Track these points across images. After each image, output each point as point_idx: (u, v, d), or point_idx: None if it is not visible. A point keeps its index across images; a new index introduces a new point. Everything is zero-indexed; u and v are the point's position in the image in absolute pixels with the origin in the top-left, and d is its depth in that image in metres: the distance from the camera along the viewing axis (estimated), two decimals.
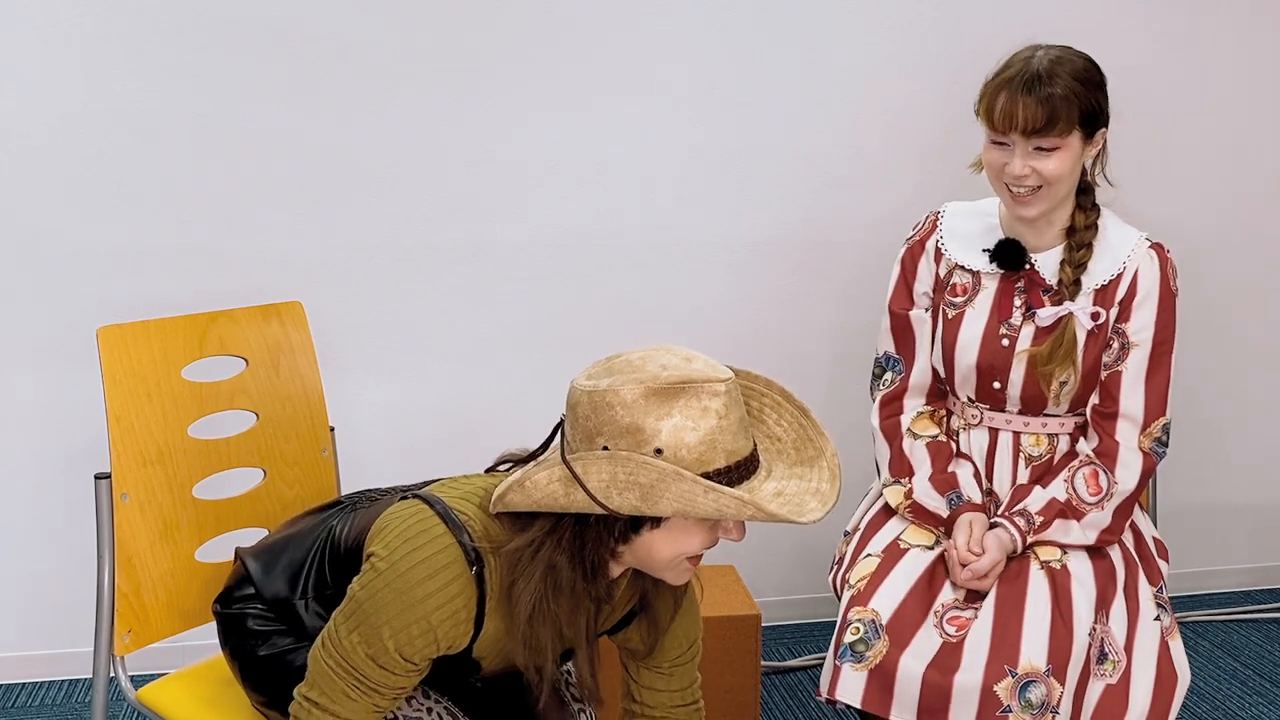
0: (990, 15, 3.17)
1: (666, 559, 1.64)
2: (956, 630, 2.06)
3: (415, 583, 1.60)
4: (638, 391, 1.55)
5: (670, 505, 1.54)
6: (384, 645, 1.61)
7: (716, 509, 1.53)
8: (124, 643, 2.00)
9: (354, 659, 1.63)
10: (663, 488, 1.53)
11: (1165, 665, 2.10)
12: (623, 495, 1.55)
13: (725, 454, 1.56)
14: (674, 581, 1.71)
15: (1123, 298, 2.17)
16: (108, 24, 2.88)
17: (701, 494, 1.52)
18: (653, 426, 1.54)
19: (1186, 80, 3.36)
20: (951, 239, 2.28)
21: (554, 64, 3.08)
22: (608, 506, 1.56)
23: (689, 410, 1.55)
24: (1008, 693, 1.97)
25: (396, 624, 1.60)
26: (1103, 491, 2.15)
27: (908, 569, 2.15)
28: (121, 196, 2.95)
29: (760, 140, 3.20)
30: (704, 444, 1.54)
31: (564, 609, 1.64)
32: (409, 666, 1.63)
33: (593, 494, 1.55)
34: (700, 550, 1.65)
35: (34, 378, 2.97)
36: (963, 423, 2.26)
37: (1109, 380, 2.17)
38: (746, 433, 1.61)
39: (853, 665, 2.03)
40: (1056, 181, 2.11)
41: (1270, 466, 3.65)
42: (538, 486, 1.59)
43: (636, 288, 3.21)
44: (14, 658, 3.07)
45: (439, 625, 1.61)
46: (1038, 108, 2.06)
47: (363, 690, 1.64)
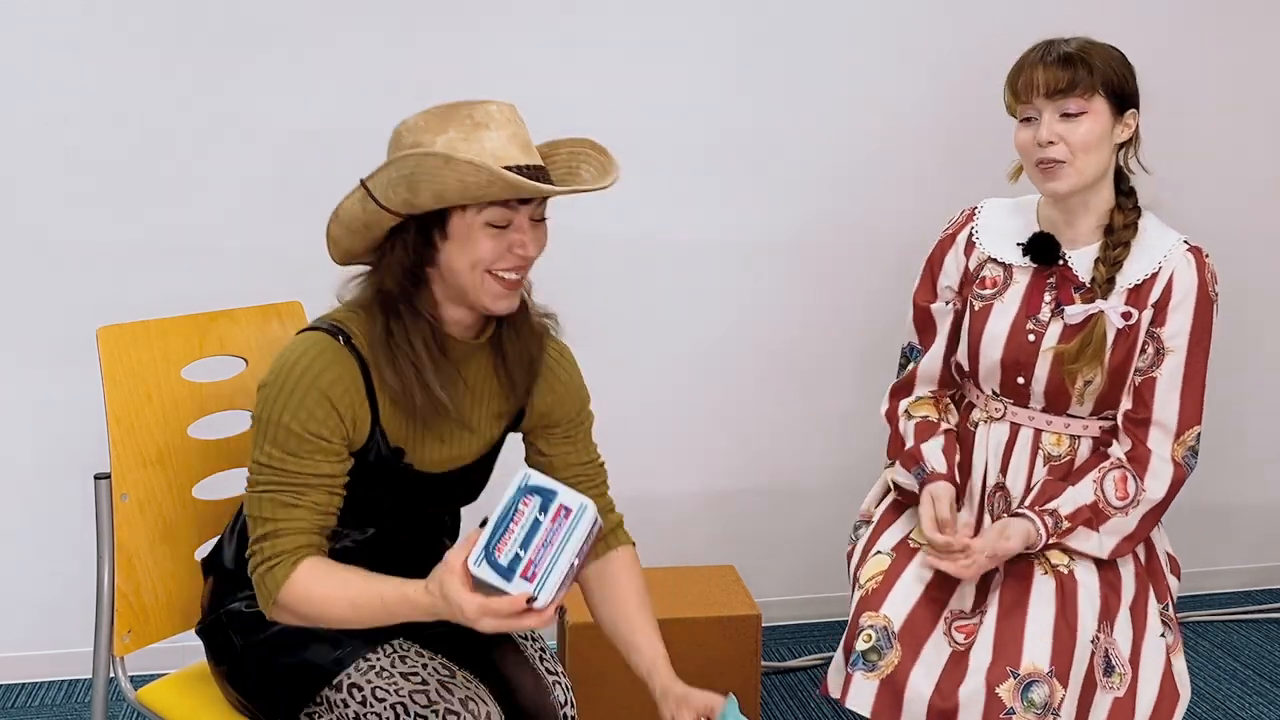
0: (1008, 14, 3.17)
1: (466, 272, 1.75)
2: (965, 639, 2.06)
3: (296, 370, 1.75)
4: (420, 115, 1.74)
5: (428, 189, 1.68)
6: (291, 431, 1.73)
7: (458, 179, 1.65)
8: (124, 643, 2.00)
9: (274, 465, 1.75)
10: (420, 173, 1.67)
11: (1168, 683, 2.09)
12: (396, 192, 1.70)
13: (493, 158, 1.69)
14: (493, 306, 1.79)
15: (1157, 300, 2.13)
16: (108, 23, 2.88)
17: (443, 167, 1.65)
18: (429, 140, 1.70)
19: (1197, 79, 3.36)
20: (986, 232, 2.26)
21: (558, 65, 3.08)
22: (387, 207, 1.71)
23: (462, 126, 1.71)
24: (1010, 694, 1.96)
25: (293, 407, 1.73)
26: (1130, 497, 2.12)
27: (918, 570, 2.14)
28: (122, 196, 2.95)
29: (776, 137, 3.20)
30: (472, 151, 1.68)
31: (420, 353, 1.76)
32: (323, 444, 1.74)
33: (375, 197, 1.72)
34: (496, 262, 1.75)
35: (34, 378, 2.97)
36: (985, 415, 2.25)
37: (1143, 386, 2.14)
38: (526, 148, 1.74)
39: (864, 674, 2.02)
40: (1084, 152, 2.08)
41: (1270, 466, 3.65)
42: (344, 209, 1.77)
43: (636, 287, 3.21)
44: (14, 658, 3.07)
45: (329, 388, 1.74)
46: (1059, 68, 2.07)
47: (296, 490, 1.75)
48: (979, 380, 2.25)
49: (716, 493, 3.36)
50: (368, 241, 1.80)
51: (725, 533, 3.37)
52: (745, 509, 3.38)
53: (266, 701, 1.88)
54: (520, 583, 1.58)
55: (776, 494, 3.39)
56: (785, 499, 3.39)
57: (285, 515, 1.76)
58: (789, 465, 3.38)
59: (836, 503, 3.15)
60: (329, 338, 1.78)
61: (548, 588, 1.58)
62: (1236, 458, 3.59)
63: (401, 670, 1.84)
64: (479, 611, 1.60)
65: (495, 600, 1.59)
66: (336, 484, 1.79)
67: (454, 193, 1.68)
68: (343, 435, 1.77)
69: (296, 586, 1.73)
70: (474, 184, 1.66)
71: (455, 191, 1.68)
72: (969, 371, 2.27)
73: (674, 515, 3.33)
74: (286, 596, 1.74)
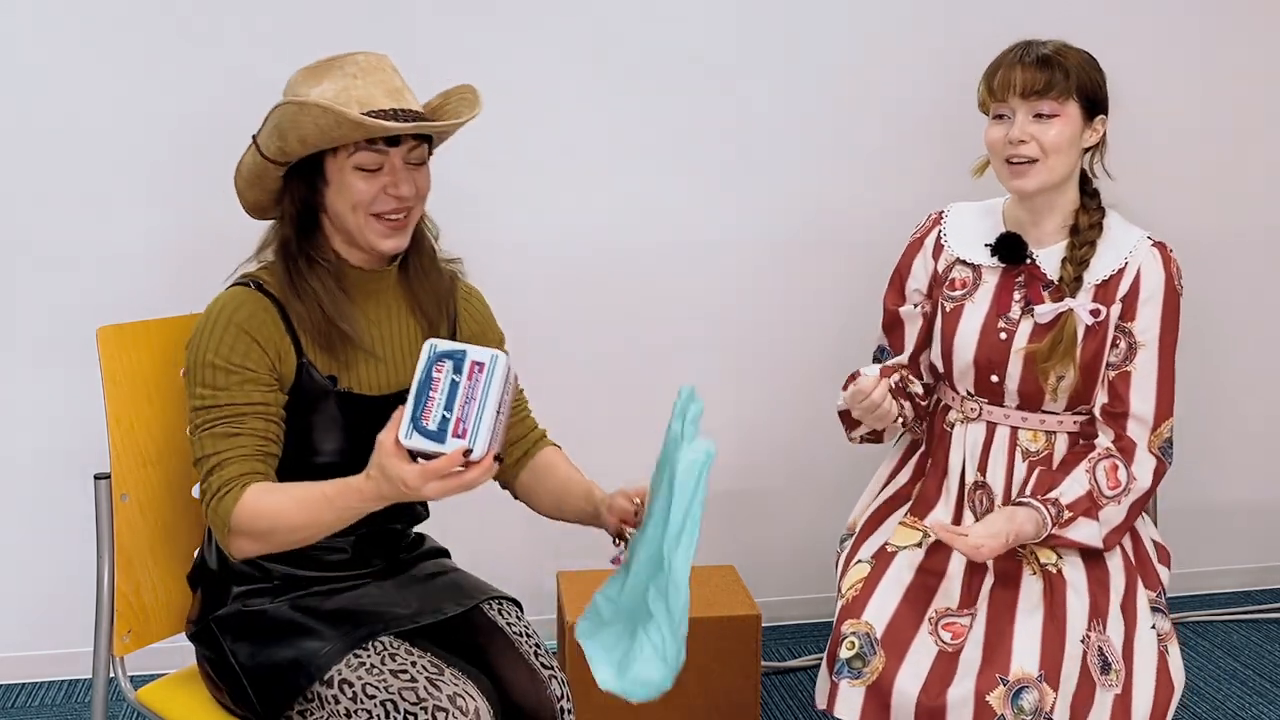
0: (997, 14, 3.17)
1: (348, 213, 1.86)
2: (952, 638, 2.06)
3: (213, 315, 1.86)
4: (298, 72, 1.87)
5: (293, 135, 1.80)
6: (217, 367, 1.82)
7: (311, 121, 1.78)
8: (124, 643, 2.00)
9: (208, 403, 1.82)
10: (285, 121, 1.80)
11: (1163, 674, 2.09)
12: (271, 142, 1.84)
13: (358, 103, 1.80)
14: (380, 245, 1.89)
15: (1125, 295, 2.17)
16: (108, 23, 2.88)
17: (299, 111, 1.78)
18: (305, 93, 1.83)
19: (1184, 80, 3.36)
20: (954, 234, 2.30)
21: (558, 66, 3.09)
22: (268, 156, 1.85)
23: (334, 78, 1.83)
24: (1000, 701, 1.97)
25: (214, 344, 1.83)
26: (1120, 486, 2.14)
27: (898, 574, 2.16)
28: (122, 196, 2.95)
29: (766, 139, 3.20)
30: (339, 100, 1.80)
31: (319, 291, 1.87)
32: (250, 374, 1.83)
33: (259, 148, 1.86)
34: (370, 198, 1.85)
35: (34, 378, 2.97)
36: (960, 416, 2.27)
37: (1117, 380, 2.17)
38: (393, 94, 1.85)
39: (850, 681, 2.03)
40: (1055, 153, 2.12)
41: (1270, 466, 3.65)
42: (243, 164, 1.91)
43: (636, 288, 3.21)
44: (14, 658, 3.07)
45: (246, 323, 1.84)
46: (1036, 70, 2.12)
47: (233, 421, 1.82)
48: (953, 381, 2.27)
49: (716, 493, 3.32)
50: (267, 194, 1.93)
51: (725, 533, 3.37)
52: (745, 509, 3.38)
53: (258, 700, 1.88)
54: (454, 441, 1.62)
55: (776, 494, 3.39)
56: (785, 499, 3.39)
57: (227, 445, 1.81)
58: (789, 465, 3.38)
59: (836, 503, 3.15)
60: (242, 287, 1.90)
61: (480, 437, 1.63)
62: (1236, 458, 3.59)
63: (391, 668, 1.85)
64: (420, 478, 1.64)
65: (434, 462, 1.63)
66: (271, 412, 1.85)
67: (313, 136, 1.80)
68: (268, 367, 1.85)
69: (246, 507, 1.77)
70: (326, 126, 1.78)
71: (314, 135, 1.80)
72: (943, 373, 2.29)
73: None
74: (239, 519, 1.77)
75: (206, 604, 1.96)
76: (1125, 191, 2.32)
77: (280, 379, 1.86)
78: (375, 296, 1.96)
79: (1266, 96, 3.43)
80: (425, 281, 2.00)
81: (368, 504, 1.73)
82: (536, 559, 3.09)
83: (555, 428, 2.25)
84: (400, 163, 1.86)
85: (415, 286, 2.00)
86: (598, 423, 3.24)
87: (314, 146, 1.82)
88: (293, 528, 1.78)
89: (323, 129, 1.78)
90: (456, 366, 1.65)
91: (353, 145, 1.82)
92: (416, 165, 1.90)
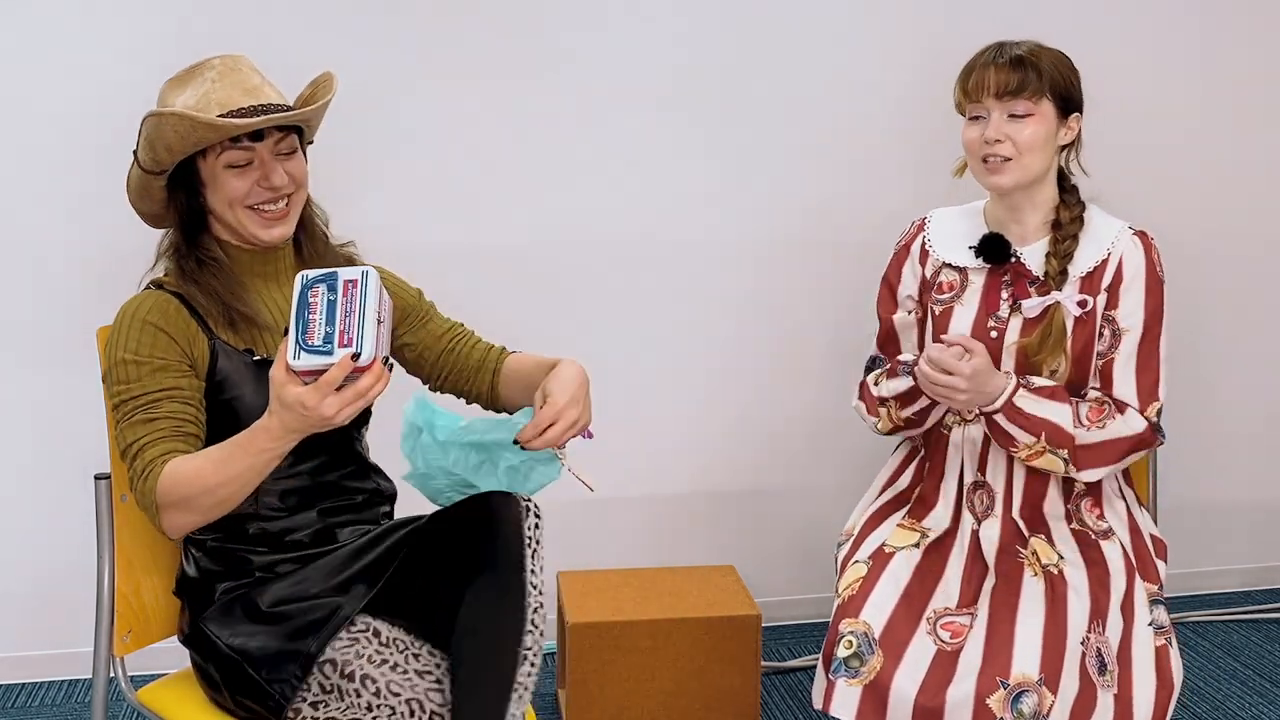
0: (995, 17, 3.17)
1: (226, 210, 1.93)
2: (951, 637, 2.06)
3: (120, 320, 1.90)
4: (167, 81, 1.96)
5: (160, 144, 1.88)
6: (124, 360, 1.86)
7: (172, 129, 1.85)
8: (124, 643, 2.00)
9: (124, 397, 1.85)
10: (151, 133, 1.88)
11: (1163, 673, 2.09)
12: (145, 153, 1.91)
13: (218, 105, 1.88)
14: (265, 236, 1.96)
15: (1109, 284, 2.19)
16: (108, 23, 2.88)
17: (159, 121, 1.85)
18: (171, 103, 1.92)
19: (1184, 80, 3.36)
20: (938, 239, 2.32)
21: (556, 67, 3.09)
22: (145, 168, 1.93)
23: (195, 84, 1.92)
24: (1000, 705, 1.97)
25: (124, 342, 1.87)
26: (1101, 419, 2.15)
27: (895, 574, 2.16)
28: (122, 196, 2.94)
29: (765, 138, 3.20)
30: (200, 105, 1.88)
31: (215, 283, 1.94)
32: (160, 362, 1.87)
33: (138, 159, 1.93)
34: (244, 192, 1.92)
35: (34, 378, 2.97)
36: (957, 418, 2.27)
37: (1104, 369, 2.19)
38: (250, 92, 1.92)
39: (847, 680, 2.03)
40: (1029, 151, 2.16)
41: (1270, 466, 3.65)
42: (130, 178, 1.98)
43: (636, 288, 3.21)
44: (14, 658, 3.07)
45: (150, 316, 1.88)
46: (1009, 70, 2.15)
47: (148, 407, 1.85)
48: None
49: (716, 493, 3.36)
50: (157, 204, 1.99)
51: (725, 533, 3.37)
52: (745, 509, 3.38)
53: (268, 681, 1.87)
54: (340, 351, 1.66)
55: (776, 494, 3.39)
56: (785, 499, 3.39)
57: (145, 430, 1.83)
58: (789, 465, 3.38)
59: (836, 503, 3.15)
60: (146, 291, 1.95)
61: (366, 340, 1.66)
62: (1236, 458, 3.59)
63: (416, 668, 1.87)
64: (316, 394, 1.65)
65: (325, 375, 1.65)
66: (186, 395, 1.88)
67: (177, 144, 1.87)
68: (179, 354, 1.89)
69: (166, 479, 1.79)
70: (185, 132, 1.85)
71: (178, 142, 1.87)
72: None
73: (674, 515, 3.33)
74: (163, 492, 1.79)
75: (195, 610, 1.97)
76: (1125, 191, 2.32)
77: (195, 364, 1.90)
78: (273, 279, 2.02)
79: (1266, 96, 3.44)
80: (323, 259, 2.05)
81: (277, 442, 1.74)
82: None
83: None
84: (269, 155, 1.92)
85: (311, 264, 2.03)
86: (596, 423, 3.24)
87: (181, 153, 1.89)
88: (214, 486, 1.78)
89: (183, 135, 1.86)
90: (330, 287, 1.69)
91: (219, 146, 1.89)
92: (288, 155, 1.96)
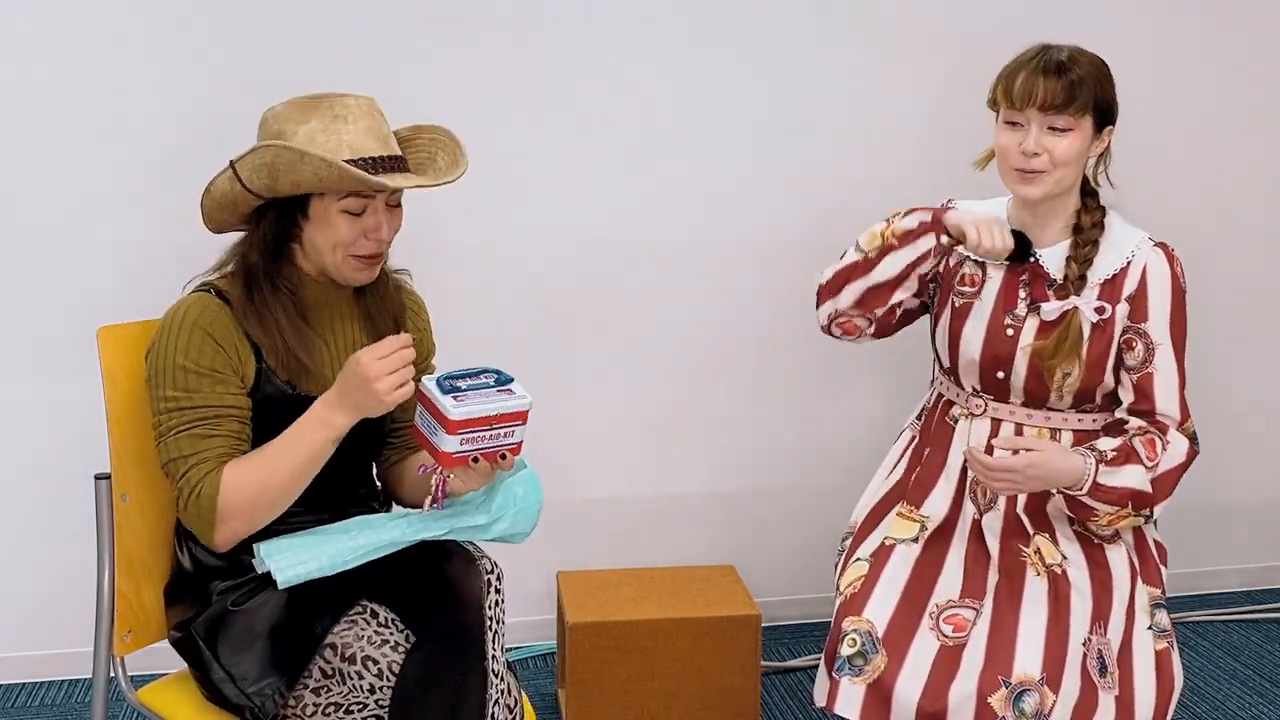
0: (1001, 18, 3.17)
1: (327, 251, 1.92)
2: (954, 631, 2.06)
3: (176, 320, 1.89)
4: (284, 105, 1.91)
5: (286, 178, 1.84)
6: (188, 369, 1.85)
7: (313, 173, 1.82)
8: (124, 643, 2.00)
9: (181, 405, 1.85)
10: (279, 163, 1.83)
11: (1164, 673, 2.10)
12: (260, 177, 1.86)
13: (350, 149, 1.86)
14: (353, 279, 1.96)
15: (1133, 294, 2.18)
16: (108, 23, 2.88)
17: (298, 161, 1.81)
18: (291, 130, 1.87)
19: (1184, 80, 3.36)
20: None
21: (553, 68, 3.09)
22: (251, 189, 1.88)
23: (323, 118, 1.88)
24: (1002, 703, 1.97)
25: (183, 348, 1.86)
26: (1158, 456, 2.14)
27: (896, 570, 2.16)
28: (121, 196, 2.95)
29: (784, 133, 3.21)
30: (330, 141, 1.85)
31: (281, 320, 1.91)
32: (220, 376, 1.87)
33: (241, 180, 1.88)
34: (353, 244, 1.91)
35: (34, 378, 2.97)
36: (965, 412, 2.27)
37: (1142, 381, 2.17)
38: (382, 141, 1.91)
39: (851, 678, 2.03)
40: (1064, 165, 2.14)
41: (1270, 466, 3.65)
42: (216, 187, 1.94)
43: (636, 288, 3.21)
44: (14, 658, 3.07)
45: (210, 327, 1.87)
46: (1058, 84, 2.11)
47: (210, 423, 1.85)
48: (959, 376, 2.28)
49: (716, 493, 3.36)
50: (237, 216, 1.97)
51: (725, 533, 3.37)
52: (745, 509, 3.38)
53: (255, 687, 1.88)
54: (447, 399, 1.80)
55: (776, 494, 3.39)
56: (785, 499, 3.39)
57: (205, 446, 1.84)
58: (789, 465, 3.37)
59: (836, 503, 3.15)
60: (202, 293, 1.93)
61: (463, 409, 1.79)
62: (1236, 458, 3.59)
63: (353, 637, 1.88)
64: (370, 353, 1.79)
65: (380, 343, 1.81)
66: (244, 415, 1.89)
67: (309, 184, 1.85)
68: (234, 369, 1.89)
69: (228, 486, 1.81)
70: (326, 178, 1.83)
71: (310, 183, 1.85)
72: (949, 368, 2.29)
73: (674, 515, 3.33)
74: (225, 501, 1.81)
75: (191, 610, 1.97)
76: (1126, 192, 2.32)
77: (244, 381, 1.90)
78: (335, 308, 2.02)
79: (1266, 96, 3.43)
80: (381, 300, 2.07)
81: (335, 414, 1.81)
82: (536, 559, 3.08)
83: (550, 428, 2.24)
84: (383, 206, 1.93)
85: (369, 302, 2.06)
86: (597, 423, 3.24)
87: (306, 190, 1.88)
88: (276, 483, 1.82)
89: (322, 179, 1.84)
90: (499, 380, 1.86)
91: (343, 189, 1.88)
92: (395, 206, 1.97)
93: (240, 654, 1.88)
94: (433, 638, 1.86)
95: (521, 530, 1.98)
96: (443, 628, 1.86)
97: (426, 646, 1.86)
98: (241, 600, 1.92)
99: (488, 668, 1.85)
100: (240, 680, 1.87)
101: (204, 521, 1.82)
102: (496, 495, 1.96)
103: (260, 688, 1.86)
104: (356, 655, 1.85)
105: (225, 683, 1.88)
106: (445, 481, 1.93)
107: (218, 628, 1.91)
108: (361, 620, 1.89)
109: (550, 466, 2.32)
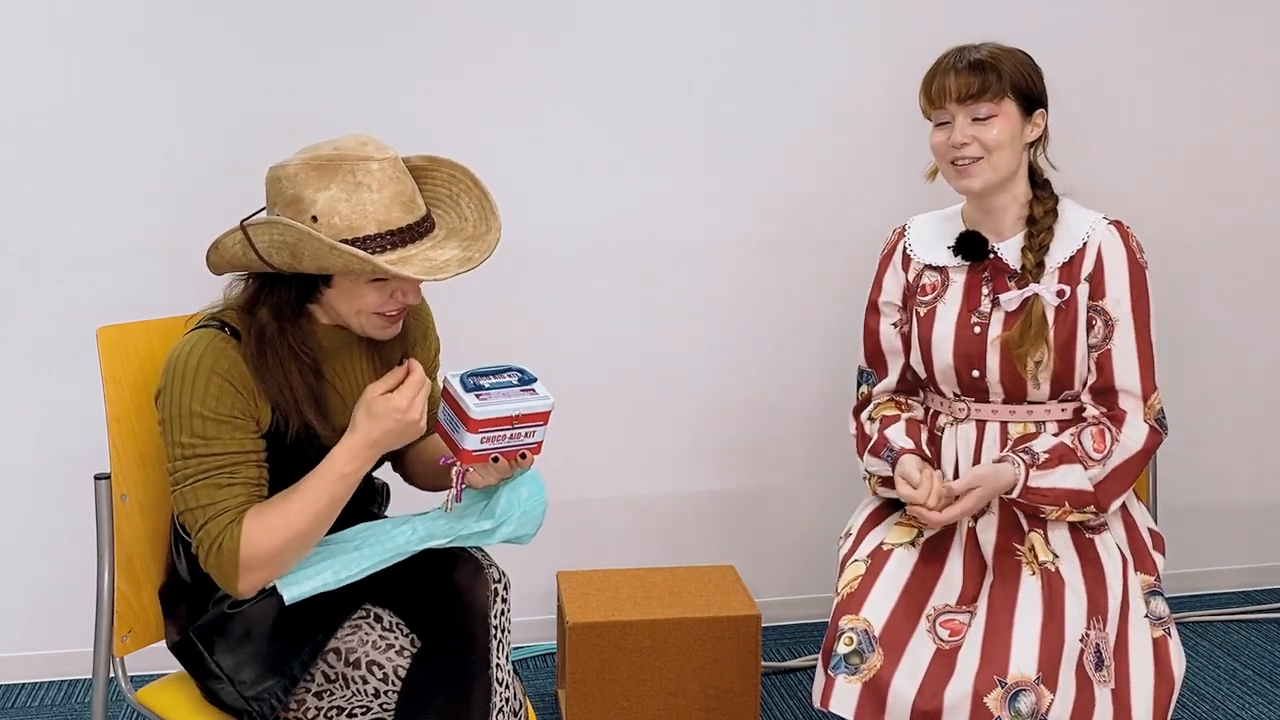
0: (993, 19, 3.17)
1: (352, 315, 1.87)
2: (950, 635, 2.07)
3: (190, 361, 1.81)
4: (300, 166, 1.78)
5: (311, 262, 1.75)
6: (204, 416, 1.79)
7: (343, 264, 1.74)
8: (124, 643, 2.00)
9: (198, 452, 1.79)
10: (301, 247, 1.73)
11: (1163, 665, 2.10)
12: (279, 254, 1.77)
13: (376, 223, 1.76)
14: (378, 336, 1.91)
15: (1090, 273, 2.21)
16: (108, 23, 2.88)
17: (328, 252, 1.72)
18: (310, 197, 1.76)
19: (1182, 80, 3.37)
20: (918, 243, 2.36)
21: (552, 69, 3.09)
22: (270, 263, 1.79)
23: (344, 184, 1.76)
24: (998, 703, 1.97)
25: (198, 394, 1.79)
26: (1106, 450, 2.16)
27: (894, 572, 2.17)
28: (121, 196, 2.95)
29: (770, 138, 3.21)
30: (355, 213, 1.75)
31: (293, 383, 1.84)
32: (237, 422, 1.81)
33: (259, 253, 1.78)
34: (380, 308, 1.85)
35: (34, 378, 2.97)
36: (950, 419, 2.29)
37: (1101, 359, 2.20)
38: (408, 205, 1.80)
39: (846, 677, 2.04)
40: (996, 149, 2.18)
41: (1270, 467, 3.65)
42: (226, 247, 1.83)
43: (635, 288, 3.21)
44: (14, 658, 3.07)
45: (226, 372, 1.80)
46: (970, 74, 2.18)
47: (228, 471, 1.80)
48: (938, 384, 2.30)
49: (716, 493, 3.36)
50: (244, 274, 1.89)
51: (725, 533, 3.37)
52: (745, 509, 3.38)
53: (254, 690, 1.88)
54: (470, 396, 1.79)
55: (776, 494, 3.39)
56: (785, 499, 3.39)
57: (224, 495, 1.80)
58: (789, 465, 3.38)
59: (836, 503, 3.15)
60: (216, 331, 1.84)
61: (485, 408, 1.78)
62: (1236, 458, 3.59)
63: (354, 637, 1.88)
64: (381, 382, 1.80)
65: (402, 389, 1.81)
66: (261, 458, 1.85)
67: (338, 269, 1.77)
68: (250, 413, 1.83)
69: (250, 535, 1.77)
70: (357, 269, 1.76)
71: (339, 269, 1.77)
72: (926, 378, 2.32)
73: (673, 515, 3.33)
74: (248, 551, 1.77)
75: (186, 616, 1.96)
76: (1125, 191, 2.33)
77: (259, 423, 1.86)
78: (343, 350, 1.97)
79: (1262, 95, 3.44)
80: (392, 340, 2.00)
81: (356, 448, 1.79)
82: (536, 559, 3.09)
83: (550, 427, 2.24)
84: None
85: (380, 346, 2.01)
86: (597, 423, 3.24)
87: (322, 270, 1.79)
88: (302, 529, 1.79)
89: (351, 268, 1.76)
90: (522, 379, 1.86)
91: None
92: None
93: (239, 657, 1.88)
94: (439, 644, 1.86)
95: (527, 533, 1.97)
96: (449, 635, 1.85)
97: (432, 652, 1.86)
98: (240, 602, 1.92)
99: (493, 676, 1.85)
100: (239, 683, 1.87)
101: (226, 575, 1.80)
102: (500, 498, 1.96)
103: (259, 691, 1.86)
104: (361, 660, 1.85)
105: (223, 686, 1.88)
106: (465, 475, 1.91)
107: (216, 630, 1.91)
108: (365, 624, 1.89)
109: (551, 467, 2.32)
